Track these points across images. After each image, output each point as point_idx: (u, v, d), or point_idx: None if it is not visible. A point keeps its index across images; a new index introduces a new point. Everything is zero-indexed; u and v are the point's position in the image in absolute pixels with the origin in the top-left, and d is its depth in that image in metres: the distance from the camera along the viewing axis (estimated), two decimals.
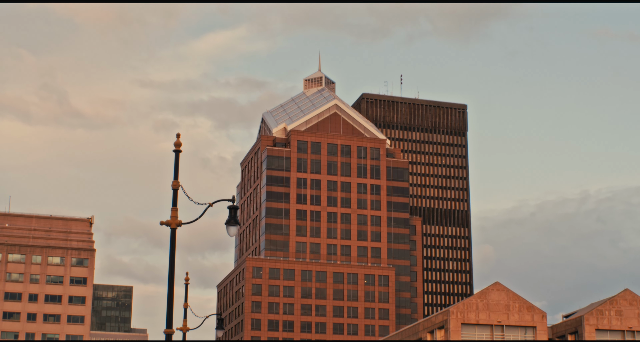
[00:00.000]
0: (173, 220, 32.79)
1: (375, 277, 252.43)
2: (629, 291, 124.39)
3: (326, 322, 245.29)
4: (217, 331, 49.82)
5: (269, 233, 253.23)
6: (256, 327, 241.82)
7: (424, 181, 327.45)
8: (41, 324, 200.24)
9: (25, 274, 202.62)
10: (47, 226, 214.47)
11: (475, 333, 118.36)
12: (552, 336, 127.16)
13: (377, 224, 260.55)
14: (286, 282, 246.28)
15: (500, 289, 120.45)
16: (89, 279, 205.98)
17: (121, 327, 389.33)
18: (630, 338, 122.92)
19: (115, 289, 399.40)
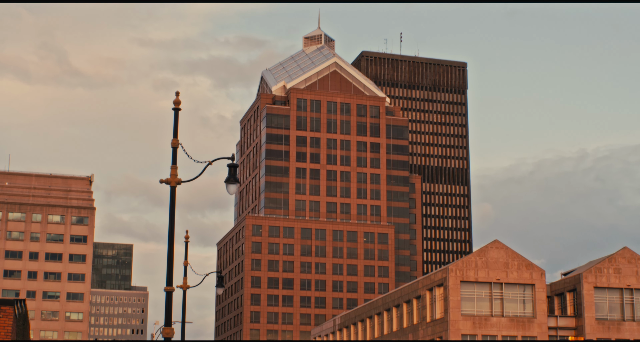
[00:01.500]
0: (173, 178, 32.78)
1: (374, 235, 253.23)
2: (627, 249, 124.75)
3: (325, 279, 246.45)
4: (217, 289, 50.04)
5: (268, 191, 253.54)
6: (256, 284, 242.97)
7: (423, 139, 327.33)
8: (42, 282, 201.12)
9: (26, 232, 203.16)
10: (47, 184, 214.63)
11: (474, 291, 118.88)
12: (550, 294, 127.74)
13: (376, 182, 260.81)
14: (286, 240, 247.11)
15: (499, 247, 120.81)
16: (89, 237, 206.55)
17: (121, 285, 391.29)
18: (629, 296, 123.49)
19: (115, 247, 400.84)
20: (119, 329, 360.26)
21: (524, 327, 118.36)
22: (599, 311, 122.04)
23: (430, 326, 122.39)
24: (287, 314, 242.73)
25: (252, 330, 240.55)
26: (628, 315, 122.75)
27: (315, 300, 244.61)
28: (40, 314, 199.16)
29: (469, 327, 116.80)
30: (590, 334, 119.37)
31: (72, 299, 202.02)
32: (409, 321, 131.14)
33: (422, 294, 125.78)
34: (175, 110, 33.88)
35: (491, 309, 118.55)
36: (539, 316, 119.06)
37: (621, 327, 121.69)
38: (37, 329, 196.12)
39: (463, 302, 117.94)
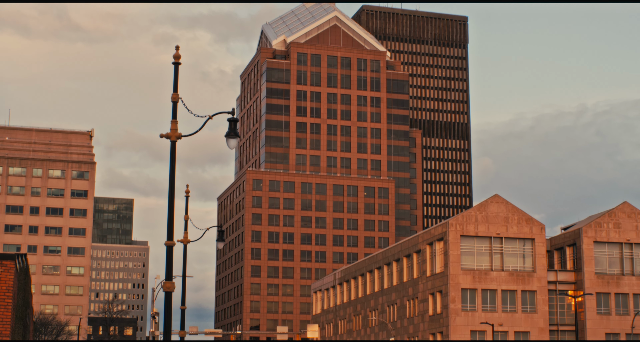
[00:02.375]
0: (173, 132, 32.65)
1: (374, 189, 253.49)
2: (627, 203, 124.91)
3: (326, 234, 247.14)
4: (217, 243, 50.15)
5: (268, 145, 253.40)
6: (256, 239, 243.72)
7: (424, 94, 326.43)
8: (43, 237, 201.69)
9: (26, 187, 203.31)
10: (47, 139, 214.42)
11: (474, 245, 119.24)
12: (550, 248, 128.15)
13: (377, 136, 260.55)
14: (286, 195, 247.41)
15: (499, 202, 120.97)
16: (89, 191, 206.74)
17: (122, 239, 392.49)
18: (628, 250, 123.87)
19: (116, 201, 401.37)
20: (119, 283, 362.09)
21: (524, 282, 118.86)
22: (599, 266, 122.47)
23: (430, 280, 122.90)
24: (287, 268, 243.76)
25: (252, 284, 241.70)
26: (627, 269, 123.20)
27: (315, 254, 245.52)
28: (42, 268, 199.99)
29: (469, 281, 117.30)
30: (589, 288, 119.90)
31: (73, 253, 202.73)
32: (409, 275, 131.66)
33: (422, 249, 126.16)
34: (175, 65, 33.68)
35: (491, 264, 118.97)
36: (539, 270, 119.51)
37: (620, 282, 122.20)
38: (38, 283, 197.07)
39: (463, 257, 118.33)
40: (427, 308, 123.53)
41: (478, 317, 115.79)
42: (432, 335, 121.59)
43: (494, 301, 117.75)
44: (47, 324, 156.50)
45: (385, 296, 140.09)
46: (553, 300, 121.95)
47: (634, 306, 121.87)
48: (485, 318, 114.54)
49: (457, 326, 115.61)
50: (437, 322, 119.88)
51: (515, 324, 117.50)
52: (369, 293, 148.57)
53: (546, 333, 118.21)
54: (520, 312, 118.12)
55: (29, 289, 40.17)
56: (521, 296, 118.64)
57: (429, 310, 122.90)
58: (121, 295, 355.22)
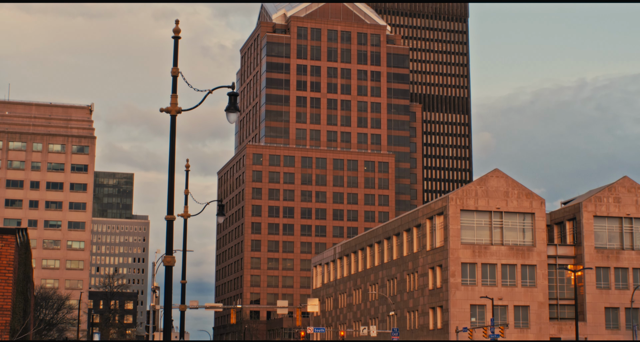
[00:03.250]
0: (173, 107, 32.57)
1: (375, 163, 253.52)
2: (627, 178, 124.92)
3: (326, 208, 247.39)
4: (218, 217, 50.21)
5: (269, 120, 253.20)
6: (257, 213, 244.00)
7: (424, 68, 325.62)
8: (43, 211, 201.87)
9: (27, 161, 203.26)
10: (47, 113, 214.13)
11: (474, 219, 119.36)
12: (550, 223, 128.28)
13: (377, 110, 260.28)
14: (286, 169, 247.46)
15: (499, 176, 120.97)
16: (89, 166, 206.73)
17: (122, 213, 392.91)
18: (628, 225, 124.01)
19: (116, 176, 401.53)
20: (120, 257, 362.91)
21: (523, 256, 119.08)
22: (598, 240, 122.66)
23: (430, 254, 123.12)
24: (287, 242, 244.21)
25: (252, 258, 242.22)
26: (627, 244, 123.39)
27: (315, 228, 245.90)
28: (42, 242, 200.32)
29: (469, 256, 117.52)
30: (589, 262, 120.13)
31: (73, 228, 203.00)
32: (409, 249, 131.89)
33: (422, 223, 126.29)
34: (175, 39, 33.55)
35: (491, 238, 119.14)
36: (539, 245, 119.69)
37: (620, 256, 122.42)
38: (39, 257, 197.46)
39: (463, 231, 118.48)
40: (427, 282, 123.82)
41: (478, 291, 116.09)
42: (432, 309, 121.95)
43: (493, 275, 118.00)
44: (47, 298, 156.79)
45: (385, 270, 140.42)
46: (553, 274, 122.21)
47: (633, 281, 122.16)
48: (485, 292, 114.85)
49: (457, 300, 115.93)
50: (437, 296, 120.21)
51: (514, 298, 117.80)
52: (369, 267, 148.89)
53: (546, 307, 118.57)
54: (520, 286, 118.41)
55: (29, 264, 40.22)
56: (521, 270, 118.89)
57: (428, 284, 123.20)
58: (122, 269, 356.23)
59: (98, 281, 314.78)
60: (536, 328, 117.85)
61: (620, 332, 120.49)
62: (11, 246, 34.36)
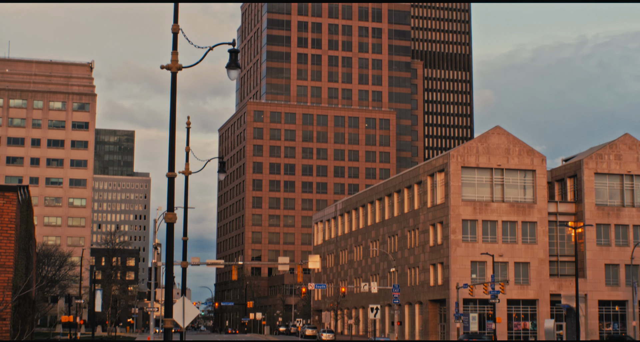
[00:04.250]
0: (173, 64, 32.45)
1: (376, 120, 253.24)
2: (628, 135, 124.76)
3: (327, 165, 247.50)
4: (219, 174, 50.26)
5: (269, 77, 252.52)
6: (258, 170, 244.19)
7: (425, 24, 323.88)
8: (44, 169, 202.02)
9: (27, 119, 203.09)
10: (48, 71, 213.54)
11: (475, 176, 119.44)
12: (551, 180, 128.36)
13: (378, 67, 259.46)
14: (287, 126, 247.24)
15: (500, 133, 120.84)
16: (90, 123, 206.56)
17: (124, 171, 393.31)
18: (629, 182, 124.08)
19: (117, 133, 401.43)
20: (121, 214, 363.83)
21: (524, 213, 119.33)
22: (599, 197, 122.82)
23: (431, 211, 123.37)
24: (288, 199, 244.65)
25: (254, 215, 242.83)
26: (628, 201, 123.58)
27: (316, 185, 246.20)
28: (44, 200, 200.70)
29: (470, 213, 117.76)
30: (589, 219, 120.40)
31: (74, 185, 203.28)
32: (410, 206, 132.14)
33: (423, 180, 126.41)
34: None
35: (492, 195, 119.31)
36: (539, 202, 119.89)
37: (621, 213, 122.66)
38: (40, 215, 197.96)
39: (464, 188, 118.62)
40: (427, 239, 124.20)
41: (478, 247, 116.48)
42: (433, 265, 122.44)
43: (494, 232, 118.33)
44: (50, 255, 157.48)
45: (386, 226, 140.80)
46: (553, 231, 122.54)
47: (633, 237, 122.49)
48: (485, 249, 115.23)
49: (458, 257, 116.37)
50: (437, 253, 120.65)
51: (515, 254, 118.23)
52: (370, 224, 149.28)
53: (546, 264, 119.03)
54: (520, 243, 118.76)
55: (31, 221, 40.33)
56: (521, 227, 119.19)
57: (429, 241, 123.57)
58: (123, 226, 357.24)
59: (100, 237, 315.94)
60: (536, 284, 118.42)
61: (620, 288, 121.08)
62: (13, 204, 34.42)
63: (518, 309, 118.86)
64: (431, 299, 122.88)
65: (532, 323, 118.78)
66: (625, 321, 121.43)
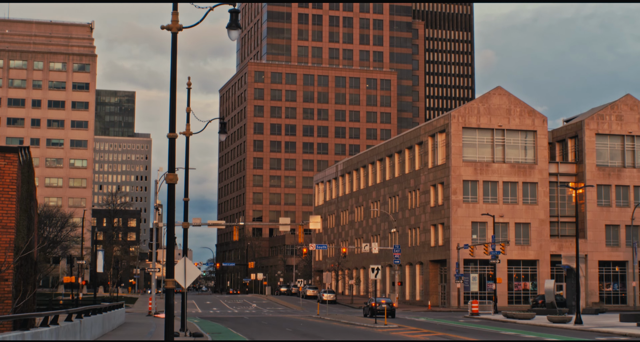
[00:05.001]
0: (174, 24, 32.27)
1: (377, 81, 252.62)
2: (630, 95, 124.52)
3: (328, 125, 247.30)
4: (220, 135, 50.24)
5: (270, 37, 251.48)
6: (258, 131, 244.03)
7: None
8: (45, 130, 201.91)
9: (28, 80, 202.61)
10: (48, 31, 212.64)
11: (476, 137, 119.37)
12: (552, 140, 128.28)
13: (379, 27, 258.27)
14: (288, 86, 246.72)
15: (501, 94, 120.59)
16: (91, 84, 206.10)
17: (125, 132, 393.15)
18: (630, 142, 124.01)
19: (118, 94, 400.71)
20: (123, 175, 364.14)
21: (525, 173, 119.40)
22: (600, 158, 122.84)
23: (432, 172, 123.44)
24: (289, 160, 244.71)
25: (255, 176, 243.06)
26: (629, 161, 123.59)
27: (317, 146, 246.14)
28: (45, 161, 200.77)
29: (470, 173, 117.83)
30: (590, 180, 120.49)
31: (75, 146, 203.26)
32: (410, 166, 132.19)
33: (424, 140, 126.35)
34: None
35: (492, 155, 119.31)
36: (540, 162, 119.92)
37: (621, 174, 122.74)
38: (42, 176, 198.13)
39: (465, 148, 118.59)
40: (428, 199, 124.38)
41: (479, 208, 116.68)
42: (434, 226, 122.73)
43: (495, 193, 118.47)
44: (51, 216, 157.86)
45: (387, 187, 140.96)
46: (554, 192, 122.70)
47: (634, 198, 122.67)
48: (486, 209, 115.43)
49: (458, 217, 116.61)
50: (438, 214, 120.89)
51: (515, 215, 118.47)
52: (370, 185, 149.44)
53: (546, 224, 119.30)
54: (521, 203, 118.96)
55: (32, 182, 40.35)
56: (522, 187, 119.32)
57: (430, 201, 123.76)
58: (124, 187, 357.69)
59: (101, 198, 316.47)
60: (537, 245, 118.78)
61: (620, 249, 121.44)
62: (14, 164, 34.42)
63: (518, 270, 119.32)
64: (432, 260, 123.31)
65: (533, 284, 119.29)
66: (625, 281, 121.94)
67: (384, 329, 61.70)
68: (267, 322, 72.26)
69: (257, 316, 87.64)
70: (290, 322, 72.39)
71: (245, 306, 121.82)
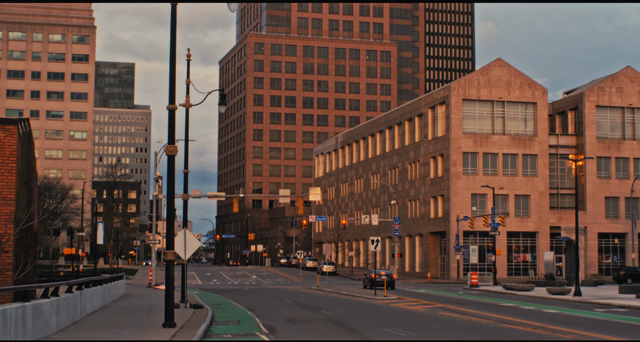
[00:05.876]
0: None
1: (377, 52, 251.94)
2: (630, 68, 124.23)
3: (328, 97, 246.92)
4: (219, 107, 50.13)
5: (270, 8, 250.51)
6: (258, 102, 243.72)
7: None
8: (45, 102, 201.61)
9: (27, 52, 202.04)
10: (47, 3, 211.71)
11: (476, 109, 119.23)
12: (552, 112, 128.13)
13: None
14: (288, 58, 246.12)
15: (502, 65, 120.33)
16: (90, 56, 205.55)
17: (124, 103, 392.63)
18: (630, 115, 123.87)
19: (117, 66, 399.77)
20: (122, 147, 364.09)
21: (525, 145, 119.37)
22: (600, 130, 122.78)
23: (431, 144, 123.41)
24: (289, 132, 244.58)
25: (255, 148, 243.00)
26: (629, 134, 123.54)
27: (317, 118, 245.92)
28: (45, 133, 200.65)
29: (470, 145, 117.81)
30: (590, 152, 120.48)
31: (75, 118, 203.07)
32: (410, 138, 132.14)
33: (424, 112, 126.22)
34: None
35: (492, 127, 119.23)
36: (540, 134, 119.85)
37: (621, 146, 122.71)
38: (41, 148, 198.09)
39: (465, 120, 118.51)
40: (428, 171, 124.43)
41: (479, 180, 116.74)
42: (433, 198, 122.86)
43: (494, 165, 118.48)
44: (51, 188, 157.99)
45: (387, 159, 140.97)
46: (554, 164, 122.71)
47: (634, 170, 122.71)
48: (486, 181, 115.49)
49: (458, 189, 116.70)
50: (438, 185, 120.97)
51: (515, 187, 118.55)
52: (370, 156, 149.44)
53: (546, 196, 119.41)
54: (520, 175, 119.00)
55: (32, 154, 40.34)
56: (522, 159, 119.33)
57: (430, 173, 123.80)
58: (124, 159, 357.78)
59: (101, 170, 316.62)
60: (536, 217, 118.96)
61: (619, 221, 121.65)
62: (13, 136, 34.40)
63: (518, 242, 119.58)
64: (431, 232, 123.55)
65: (532, 255, 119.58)
66: (625, 253, 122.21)
67: (383, 300, 61.92)
68: (267, 294, 72.53)
69: (257, 288, 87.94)
70: (290, 294, 72.64)
71: (245, 278, 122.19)
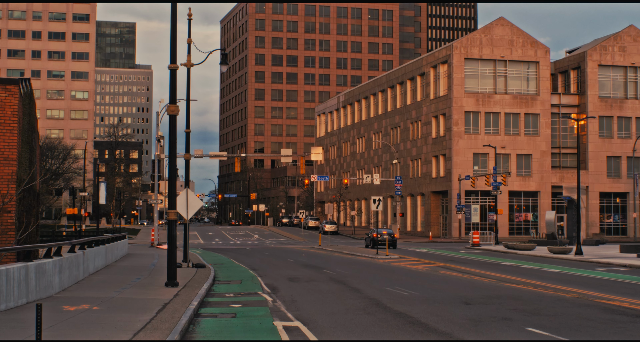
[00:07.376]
0: None
1: (379, 11, 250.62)
2: (633, 27, 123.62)
3: (330, 56, 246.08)
4: (221, 66, 49.97)
5: None
6: (260, 62, 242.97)
7: None
8: (46, 61, 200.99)
9: (27, 11, 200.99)
10: None
11: (479, 68, 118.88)
12: (554, 72, 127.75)
13: None
14: (289, 17, 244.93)
15: (504, 24, 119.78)
16: (91, 15, 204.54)
17: (125, 63, 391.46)
18: (633, 74, 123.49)
19: (118, 25, 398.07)
20: (124, 107, 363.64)
21: (527, 105, 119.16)
22: (602, 89, 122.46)
23: (433, 103, 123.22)
24: (291, 91, 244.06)
25: (256, 107, 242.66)
26: (631, 93, 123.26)
27: (319, 77, 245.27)
28: (46, 93, 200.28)
29: (472, 104, 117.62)
30: (592, 111, 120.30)
31: (76, 78, 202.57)
32: (412, 97, 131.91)
33: (426, 71, 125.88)
34: None
35: (495, 86, 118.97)
36: (542, 94, 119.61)
37: (623, 105, 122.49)
38: (43, 108, 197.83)
39: (467, 80, 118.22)
40: (430, 131, 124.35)
41: (481, 139, 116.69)
42: (435, 157, 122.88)
43: (497, 124, 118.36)
44: (53, 148, 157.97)
45: (389, 118, 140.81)
46: (556, 123, 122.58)
47: (636, 130, 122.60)
48: (487, 140, 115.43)
49: (460, 149, 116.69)
50: (440, 145, 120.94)
51: (517, 146, 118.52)
52: (372, 116, 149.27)
53: (548, 156, 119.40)
54: (522, 135, 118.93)
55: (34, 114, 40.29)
56: (524, 118, 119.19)
57: (432, 132, 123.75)
58: (126, 119, 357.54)
59: (102, 130, 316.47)
60: (538, 176, 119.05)
61: (621, 180, 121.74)
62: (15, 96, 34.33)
63: (519, 201, 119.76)
64: (433, 191, 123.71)
65: (534, 215, 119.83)
66: (626, 212, 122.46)
67: (385, 259, 62.16)
68: (269, 253, 72.81)
69: (259, 247, 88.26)
70: (292, 253, 72.93)
71: (248, 237, 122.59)
